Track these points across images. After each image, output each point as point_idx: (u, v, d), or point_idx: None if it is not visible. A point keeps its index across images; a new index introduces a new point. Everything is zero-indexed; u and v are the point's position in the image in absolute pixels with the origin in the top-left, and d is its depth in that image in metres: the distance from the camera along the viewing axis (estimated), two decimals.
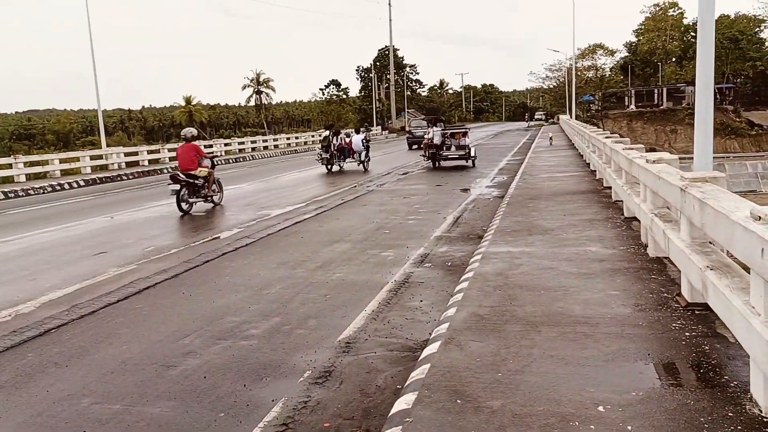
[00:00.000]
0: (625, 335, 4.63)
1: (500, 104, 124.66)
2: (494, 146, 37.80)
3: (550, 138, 35.54)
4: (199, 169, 14.54)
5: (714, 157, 7.34)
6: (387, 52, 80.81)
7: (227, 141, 43.71)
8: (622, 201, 9.96)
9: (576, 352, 4.37)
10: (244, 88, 76.74)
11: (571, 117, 45.91)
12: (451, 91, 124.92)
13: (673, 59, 74.03)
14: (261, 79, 76.45)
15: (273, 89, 78.40)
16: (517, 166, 21.70)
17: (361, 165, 24.49)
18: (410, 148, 37.03)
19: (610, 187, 11.96)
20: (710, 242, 4.80)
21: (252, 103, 78.72)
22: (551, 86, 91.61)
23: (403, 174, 21.89)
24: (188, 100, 75.64)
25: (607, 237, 8.23)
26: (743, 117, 58.62)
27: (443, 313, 5.67)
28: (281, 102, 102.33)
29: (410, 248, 9.37)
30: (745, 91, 64.98)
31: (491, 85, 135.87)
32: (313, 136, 50.13)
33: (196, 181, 14.37)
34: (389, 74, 79.21)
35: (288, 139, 49.09)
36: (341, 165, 24.39)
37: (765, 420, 3.26)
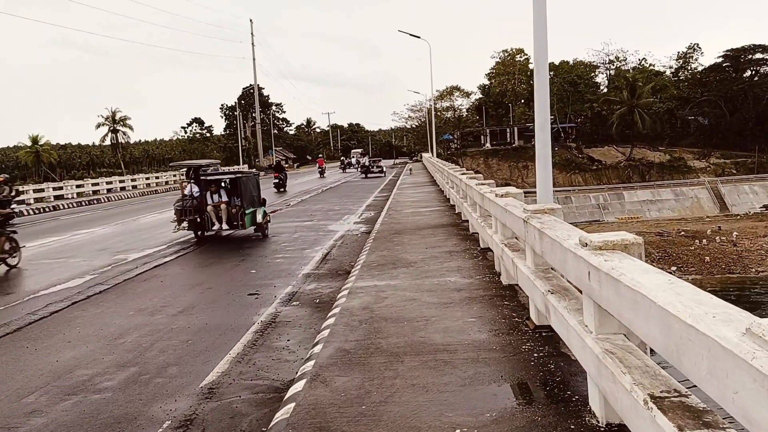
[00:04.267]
0: (481, 359, 4.89)
1: (367, 143, 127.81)
2: (363, 184, 38.58)
3: (410, 169, 37.95)
4: None
5: (562, 190, 8.03)
6: (252, 91, 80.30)
7: (80, 182, 40.88)
8: (478, 233, 10.55)
9: (436, 379, 4.54)
10: (98, 126, 72.51)
11: (432, 155, 48.07)
12: (318, 130, 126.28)
13: (522, 101, 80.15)
14: (117, 117, 72.66)
15: (131, 128, 74.66)
16: (384, 202, 22.28)
17: None
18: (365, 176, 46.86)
19: (467, 221, 12.62)
20: (551, 268, 5.22)
21: (108, 142, 74.46)
22: (414, 125, 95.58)
23: (271, 212, 21.64)
24: (35, 140, 69.94)
25: (465, 267, 8.67)
26: (585, 153, 64.51)
27: (309, 351, 5.65)
28: (140, 141, 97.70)
29: (278, 287, 9.27)
30: (585, 130, 71.64)
31: (357, 124, 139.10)
32: (174, 176, 48.30)
33: None
34: (255, 112, 78.62)
35: (147, 179, 46.90)
36: None
37: (601, 429, 3.57)
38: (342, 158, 64.84)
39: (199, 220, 14.31)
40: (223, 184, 14.97)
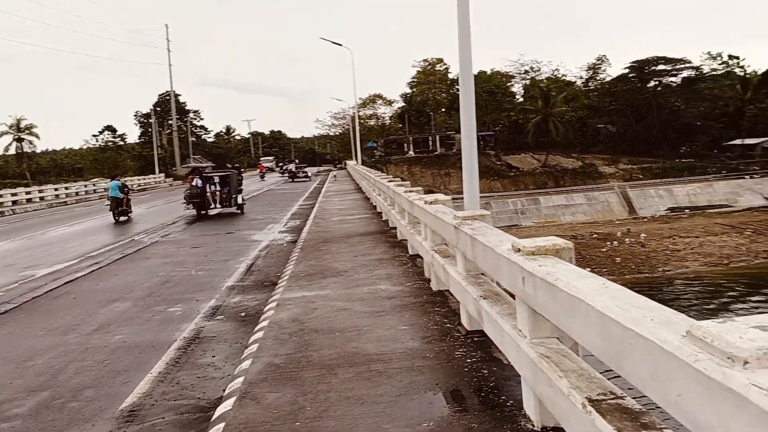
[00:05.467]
0: (416, 368, 4.84)
1: (289, 150, 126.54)
2: (286, 191, 38.07)
3: (335, 176, 38.05)
4: None
5: (482, 197, 8.15)
6: (168, 98, 77.77)
7: None
8: (406, 240, 10.57)
9: (371, 390, 4.45)
10: (1, 135, 68.22)
11: (357, 162, 48.15)
12: (238, 137, 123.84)
13: (443, 109, 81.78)
14: (22, 126, 68.65)
15: (37, 136, 70.77)
16: (309, 210, 22.03)
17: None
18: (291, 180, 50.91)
19: (395, 228, 12.65)
20: (482, 274, 5.26)
21: (12, 151, 70.16)
22: (337, 133, 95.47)
23: (190, 223, 20.96)
24: None
25: (395, 275, 8.65)
26: (503, 161, 66.50)
27: (237, 367, 5.44)
28: (48, 150, 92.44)
29: (200, 301, 8.92)
30: (503, 138, 73.88)
31: (279, 132, 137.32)
32: (86, 186, 46.07)
33: None
34: (171, 120, 76.20)
35: (56, 189, 44.40)
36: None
37: None
38: (279, 164, 67.97)
39: (201, 201, 21.90)
40: (217, 179, 22.65)
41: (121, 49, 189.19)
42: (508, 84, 79.74)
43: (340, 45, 43.75)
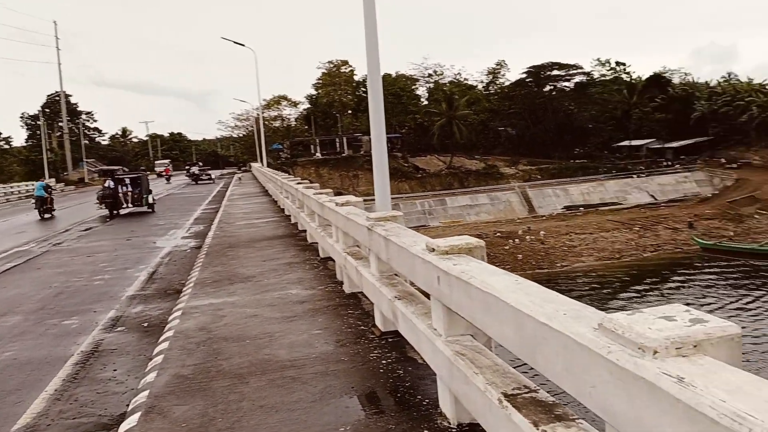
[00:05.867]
0: (331, 372, 4.78)
1: (190, 153, 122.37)
2: (188, 196, 36.78)
3: (239, 178, 37.57)
4: None
5: (391, 198, 8.19)
6: (58, 98, 73.22)
7: None
8: (317, 243, 10.46)
9: (285, 397, 4.34)
10: None
11: (263, 165, 47.28)
12: (135, 140, 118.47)
13: (349, 111, 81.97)
14: None
15: None
16: (213, 215, 21.37)
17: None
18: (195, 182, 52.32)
19: (305, 231, 12.50)
20: (396, 274, 5.28)
21: None
22: (241, 135, 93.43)
23: (86, 229, 19.79)
24: None
25: (306, 278, 8.53)
26: (410, 162, 67.60)
27: (142, 380, 5.16)
28: None
29: (99, 312, 8.42)
30: (409, 140, 75.06)
31: (179, 134, 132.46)
32: None
33: None
34: (62, 122, 71.74)
35: None
36: None
37: (453, 430, 3.63)
38: (186, 167, 67.48)
39: (114, 201, 23.48)
40: (128, 180, 24.65)
41: (5, 47, 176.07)
42: (413, 87, 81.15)
43: (243, 45, 42.77)
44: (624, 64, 75.64)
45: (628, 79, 74.09)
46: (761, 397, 1.45)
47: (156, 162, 78.08)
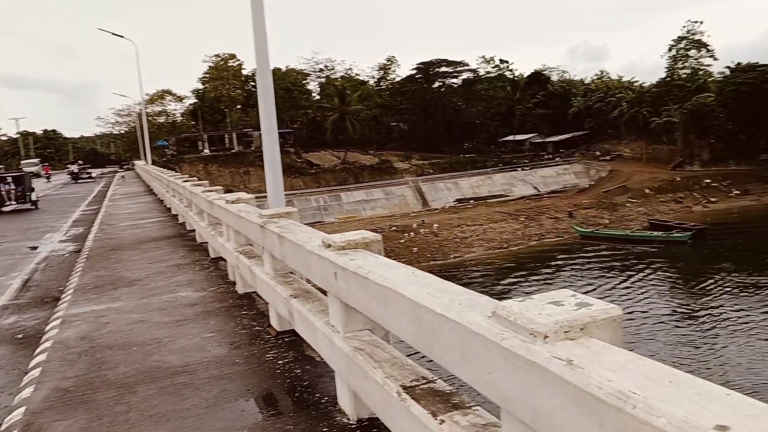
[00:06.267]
0: (225, 376, 4.61)
1: (67, 151, 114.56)
2: (65, 196, 34.38)
3: (122, 176, 35.87)
4: None
5: (285, 194, 8.05)
6: None
7: None
8: (207, 242, 10.10)
9: (177, 405, 4.14)
10: None
11: (147, 162, 45.07)
12: (5, 138, 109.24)
13: (238, 106, 79.92)
14: None
15: None
16: (94, 216, 20.09)
17: None
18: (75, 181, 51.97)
19: (194, 230, 12.03)
20: (292, 272, 5.18)
21: None
22: (122, 131, 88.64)
23: None
24: None
25: (197, 280, 8.20)
26: (303, 158, 66.99)
27: (17, 396, 4.74)
28: None
29: None
30: (302, 135, 74.37)
31: (54, 131, 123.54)
32: None
33: None
34: None
35: None
36: None
37: (353, 426, 3.60)
38: (68, 167, 65.25)
39: None
40: (10, 179, 25.76)
41: None
42: (304, 82, 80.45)
43: (122, 37, 40.53)
44: (507, 62, 79.21)
45: (512, 77, 77.63)
46: (642, 374, 1.52)
47: (22, 162, 71.38)
